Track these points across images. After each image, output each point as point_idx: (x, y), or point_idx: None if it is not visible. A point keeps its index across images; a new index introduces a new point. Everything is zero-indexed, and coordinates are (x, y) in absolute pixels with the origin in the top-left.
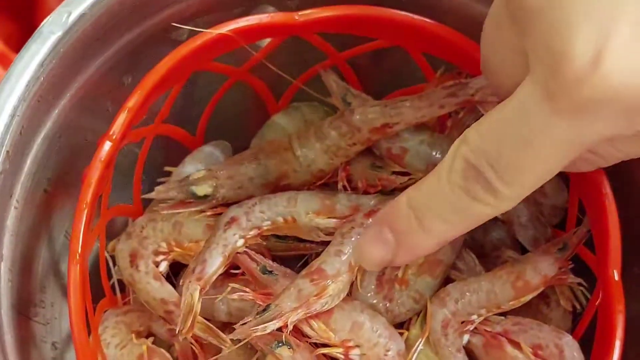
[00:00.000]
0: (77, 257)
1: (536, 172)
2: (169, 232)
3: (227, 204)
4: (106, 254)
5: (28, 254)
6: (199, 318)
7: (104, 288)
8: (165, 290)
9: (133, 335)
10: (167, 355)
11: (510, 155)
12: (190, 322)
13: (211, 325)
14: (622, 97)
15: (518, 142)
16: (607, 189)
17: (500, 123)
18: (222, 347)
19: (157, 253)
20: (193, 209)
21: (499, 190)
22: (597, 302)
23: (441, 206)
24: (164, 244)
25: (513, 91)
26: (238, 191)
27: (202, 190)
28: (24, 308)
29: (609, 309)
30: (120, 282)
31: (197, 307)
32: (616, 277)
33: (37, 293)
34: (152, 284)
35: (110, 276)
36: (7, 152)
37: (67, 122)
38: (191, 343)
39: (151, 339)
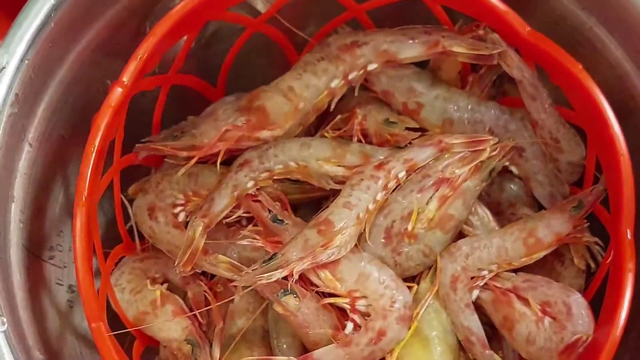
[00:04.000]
0: (83, 199)
1: None
2: (185, 184)
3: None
4: (123, 198)
5: (42, 197)
6: (223, 257)
7: (121, 234)
8: None
9: (148, 281)
10: (180, 301)
11: None
12: (189, 256)
13: (235, 262)
14: None
15: None
16: (623, 147)
17: None
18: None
19: (174, 205)
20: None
21: None
22: (608, 260)
23: None
24: (180, 196)
25: None
26: None
27: None
28: (37, 250)
29: (620, 267)
30: (138, 232)
31: (200, 243)
32: (628, 236)
33: (54, 236)
34: (172, 233)
35: (128, 222)
36: (17, 94)
37: (84, 69)
38: (204, 291)
39: (166, 285)
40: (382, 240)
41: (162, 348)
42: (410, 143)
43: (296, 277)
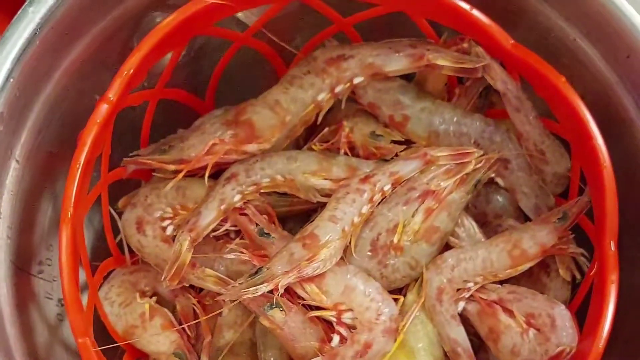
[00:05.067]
0: (69, 216)
1: None
2: (173, 197)
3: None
4: (112, 211)
5: (30, 213)
6: (210, 271)
7: (110, 247)
8: None
9: (137, 294)
10: (169, 314)
11: None
12: (175, 270)
13: (222, 276)
14: None
15: None
16: (606, 159)
17: None
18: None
19: (163, 219)
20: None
21: None
22: (592, 272)
23: None
24: (169, 209)
25: None
26: None
27: None
28: (25, 264)
29: (603, 279)
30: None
31: (186, 257)
32: (612, 248)
33: (43, 251)
34: (160, 247)
35: (117, 235)
36: (1, 113)
37: (72, 85)
38: (193, 304)
39: (155, 298)
40: (368, 253)
41: None
42: (396, 156)
43: (281, 290)
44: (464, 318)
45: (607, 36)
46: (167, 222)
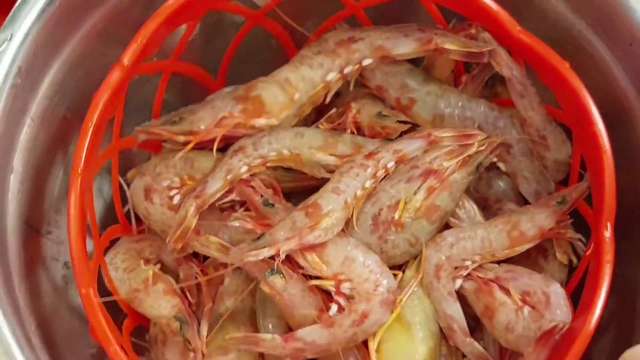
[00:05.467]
0: (79, 171)
1: None
2: (181, 167)
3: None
4: (121, 181)
5: (42, 173)
6: (214, 238)
7: (118, 215)
8: None
9: (142, 261)
10: (172, 281)
11: None
12: (180, 233)
13: (225, 243)
14: None
15: None
16: (606, 143)
17: None
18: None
19: (170, 188)
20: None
21: None
22: (589, 252)
23: None
24: (176, 179)
25: None
26: None
27: None
28: (35, 222)
29: (599, 258)
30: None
31: (191, 222)
32: (608, 229)
33: (52, 214)
34: (166, 214)
35: (125, 205)
36: (19, 67)
37: (87, 53)
38: (196, 273)
39: (159, 266)
40: (370, 228)
41: (152, 326)
42: (400, 136)
43: (283, 256)
44: (460, 297)
45: (611, 25)
46: (174, 191)
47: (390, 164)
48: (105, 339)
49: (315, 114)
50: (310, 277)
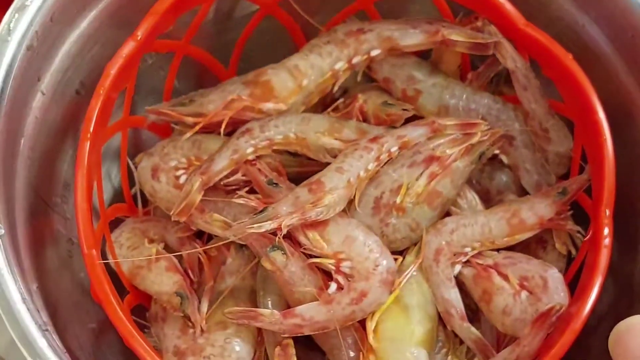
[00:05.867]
0: (89, 136)
1: None
2: (189, 149)
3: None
4: (129, 162)
5: (52, 147)
6: (218, 216)
7: (125, 195)
8: None
9: (146, 240)
10: (174, 260)
11: None
12: (184, 207)
13: (229, 221)
14: None
15: None
16: (607, 132)
17: None
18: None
19: (177, 168)
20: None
21: None
22: (587, 237)
23: None
24: (183, 159)
25: None
26: None
27: None
28: (43, 191)
29: (596, 243)
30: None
31: (195, 197)
32: (607, 215)
33: (60, 188)
34: (172, 193)
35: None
36: (36, 32)
37: (102, 31)
38: (199, 253)
39: (162, 245)
40: (371, 210)
41: (153, 304)
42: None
43: (284, 231)
44: (459, 282)
45: (614, 18)
46: (181, 171)
47: (394, 149)
48: (105, 297)
49: (322, 109)
50: (311, 257)
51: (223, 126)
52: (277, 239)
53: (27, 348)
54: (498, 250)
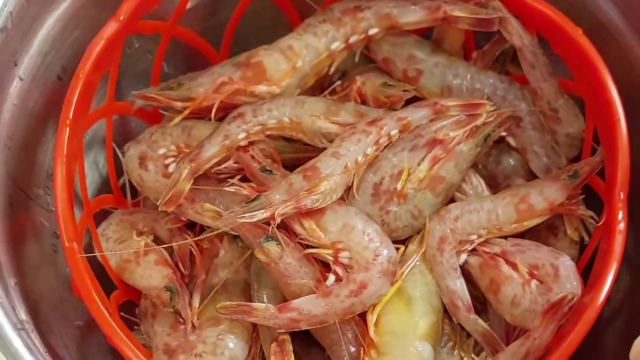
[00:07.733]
0: (68, 122)
1: None
2: (178, 136)
3: None
4: (116, 149)
5: (33, 133)
6: (209, 205)
7: (112, 186)
8: None
9: (134, 232)
10: (164, 252)
11: None
12: (172, 196)
13: (221, 210)
14: None
15: None
16: (620, 111)
17: None
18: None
19: (166, 156)
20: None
21: None
22: (601, 222)
23: None
24: (173, 147)
25: None
26: None
27: None
28: (23, 184)
29: (610, 228)
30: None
31: (184, 185)
32: (622, 198)
33: (42, 179)
34: (160, 182)
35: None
36: (10, 12)
37: (87, 10)
38: (190, 246)
39: (151, 237)
40: (370, 197)
41: (142, 299)
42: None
43: (278, 220)
44: (465, 272)
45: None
46: (170, 159)
47: (394, 132)
48: (87, 292)
49: (318, 92)
50: (307, 247)
51: (214, 111)
52: (270, 228)
53: (1, 348)
54: (506, 237)
